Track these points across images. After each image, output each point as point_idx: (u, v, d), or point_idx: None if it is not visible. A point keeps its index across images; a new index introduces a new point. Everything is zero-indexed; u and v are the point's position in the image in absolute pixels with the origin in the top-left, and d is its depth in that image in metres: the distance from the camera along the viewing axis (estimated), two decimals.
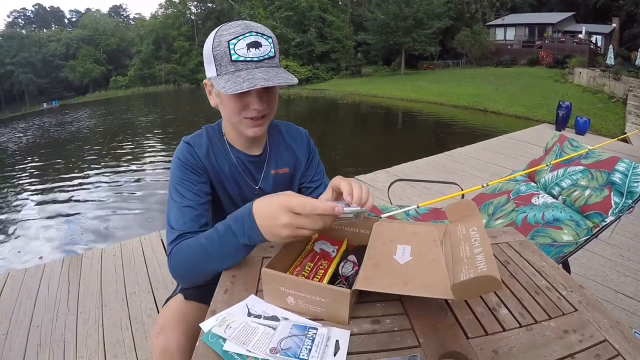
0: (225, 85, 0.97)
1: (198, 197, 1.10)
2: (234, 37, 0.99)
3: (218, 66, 1.01)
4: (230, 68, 1.00)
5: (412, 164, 6.22)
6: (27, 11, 69.03)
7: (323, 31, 39.02)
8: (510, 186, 2.60)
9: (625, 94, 16.25)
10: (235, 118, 1.10)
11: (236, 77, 0.98)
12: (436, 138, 12.69)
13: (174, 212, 1.07)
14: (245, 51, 0.99)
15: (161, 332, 1.09)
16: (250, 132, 1.12)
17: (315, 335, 0.73)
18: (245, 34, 1.00)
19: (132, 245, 3.48)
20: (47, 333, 2.41)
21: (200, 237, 0.98)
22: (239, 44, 0.99)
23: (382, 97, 23.61)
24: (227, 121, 1.17)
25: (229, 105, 1.07)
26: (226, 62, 1.00)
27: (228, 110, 1.09)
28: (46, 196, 8.32)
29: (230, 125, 1.17)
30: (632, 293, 2.84)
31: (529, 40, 31.67)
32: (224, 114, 1.15)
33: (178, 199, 1.08)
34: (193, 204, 1.08)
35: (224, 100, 1.07)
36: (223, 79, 0.99)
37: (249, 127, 1.11)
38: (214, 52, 1.01)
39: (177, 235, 1.03)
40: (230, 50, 0.99)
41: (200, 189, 1.12)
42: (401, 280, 0.79)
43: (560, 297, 0.89)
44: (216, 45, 1.01)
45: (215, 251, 0.94)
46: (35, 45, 54.59)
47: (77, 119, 25.65)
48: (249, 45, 1.00)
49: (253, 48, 1.00)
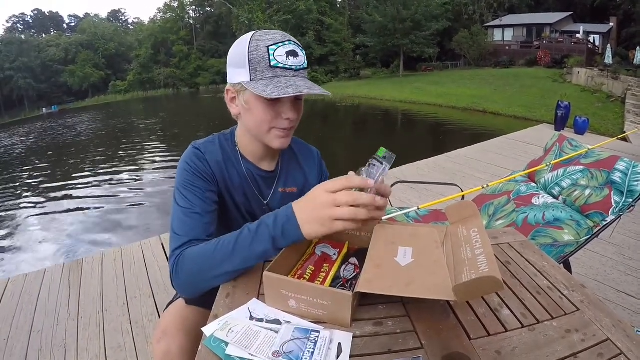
0: (265, 90, 0.95)
1: (205, 204, 1.05)
2: (274, 44, 0.98)
3: (253, 71, 0.99)
4: (268, 74, 0.98)
5: (412, 166, 6.22)
6: (26, 16, 69.09)
7: (322, 34, 39.22)
8: (511, 187, 2.60)
9: (624, 93, 16.26)
10: (264, 127, 1.06)
11: (277, 82, 0.96)
12: (436, 139, 12.70)
13: (179, 218, 1.02)
14: (285, 58, 0.98)
15: (163, 336, 1.09)
16: (277, 143, 1.08)
17: (318, 338, 0.73)
18: (285, 41, 1.00)
19: (133, 250, 3.48)
20: (48, 338, 2.41)
21: (210, 243, 0.94)
22: (278, 50, 0.98)
23: (381, 99, 23.65)
24: (253, 131, 1.11)
25: (259, 114, 1.03)
26: (264, 67, 0.98)
27: (258, 118, 1.04)
28: (47, 200, 8.34)
29: (253, 136, 1.13)
30: (634, 292, 2.83)
31: (527, 40, 31.71)
32: (250, 122, 1.09)
33: (184, 205, 1.03)
34: (201, 210, 1.03)
35: (254, 108, 1.03)
36: (260, 84, 0.97)
37: (277, 137, 1.08)
38: (250, 56, 0.98)
39: (182, 242, 0.98)
40: (269, 55, 0.97)
41: (209, 197, 1.07)
42: (403, 282, 0.79)
43: (562, 297, 0.89)
44: (253, 49, 0.98)
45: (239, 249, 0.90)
46: (34, 51, 54.69)
47: (77, 123, 25.70)
48: (288, 53, 0.99)
49: (292, 57, 0.99)
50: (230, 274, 0.92)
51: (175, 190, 1.07)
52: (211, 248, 0.92)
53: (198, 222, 1.02)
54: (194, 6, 55.84)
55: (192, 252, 0.95)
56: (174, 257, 0.96)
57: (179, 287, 0.99)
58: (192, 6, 55.90)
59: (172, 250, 0.99)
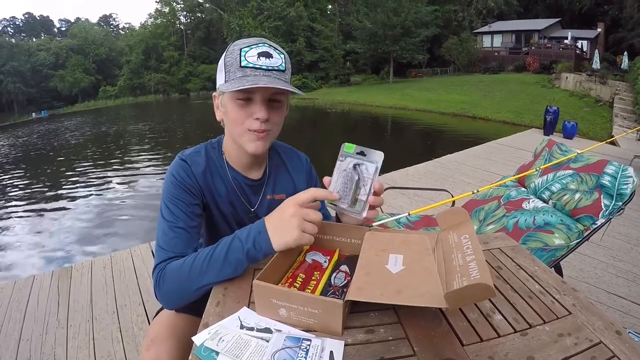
0: (229, 87, 0.97)
1: (190, 219, 1.06)
2: (247, 46, 1.00)
3: (227, 73, 1.01)
4: (238, 73, 0.99)
5: (402, 172, 6.25)
6: (17, 20, 68.62)
7: (312, 40, 39.31)
8: (501, 192, 2.61)
9: (612, 97, 16.52)
10: (238, 128, 1.06)
11: (243, 80, 0.97)
12: (425, 145, 12.76)
13: (164, 231, 1.03)
14: (256, 59, 1.00)
15: (152, 345, 1.07)
16: (252, 147, 1.07)
17: (309, 346, 0.72)
18: (259, 44, 1.01)
19: (123, 257, 3.45)
20: (37, 347, 2.38)
21: (189, 257, 0.96)
22: (250, 52, 1.00)
23: (371, 105, 23.77)
24: (230, 134, 1.12)
25: (232, 115, 1.05)
26: (235, 68, 1.00)
27: (232, 119, 1.06)
28: (34, 205, 8.26)
29: (232, 140, 1.13)
30: (625, 293, 2.86)
31: (516, 46, 32.07)
32: (227, 125, 1.10)
33: (169, 218, 1.04)
34: (184, 225, 1.04)
35: (229, 109, 1.05)
36: (229, 83, 0.99)
37: (251, 140, 1.07)
38: (226, 60, 1.02)
39: (166, 257, 1.00)
40: (240, 56, 0.99)
41: (193, 211, 1.08)
42: (394, 289, 0.79)
43: (554, 301, 0.89)
44: (229, 53, 1.02)
45: (213, 263, 0.92)
46: (24, 55, 54.22)
47: (69, 128, 25.49)
48: (260, 54, 1.00)
49: (264, 57, 1.00)
50: (211, 285, 0.93)
51: (162, 202, 1.07)
52: (189, 263, 0.94)
53: (182, 237, 1.03)
54: (185, 12, 55.69)
55: (172, 267, 0.97)
56: (157, 271, 0.98)
57: (162, 301, 1.01)
58: (183, 12, 55.76)
59: (155, 264, 1.00)
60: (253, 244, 0.90)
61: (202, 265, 0.92)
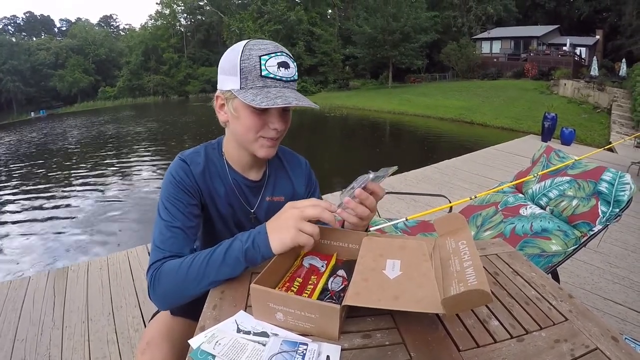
0: (255, 99, 0.95)
1: (187, 219, 1.05)
2: (266, 54, 0.98)
3: (244, 79, 0.98)
4: (259, 83, 0.98)
5: (400, 177, 6.25)
6: (18, 18, 68.15)
7: (311, 45, 39.44)
8: (498, 197, 2.62)
9: (610, 104, 16.59)
10: (251, 136, 1.05)
11: (266, 92, 0.96)
12: (424, 151, 12.77)
13: (161, 230, 1.02)
14: (276, 69, 0.98)
15: (147, 347, 1.07)
16: (263, 153, 1.08)
17: (306, 351, 0.72)
18: (277, 52, 1.00)
19: (119, 259, 3.44)
20: (32, 347, 2.37)
21: (187, 258, 0.95)
22: (270, 60, 0.98)
23: (370, 110, 23.81)
24: (239, 139, 1.10)
25: (247, 122, 1.03)
26: (254, 76, 0.97)
27: (245, 126, 1.04)
28: (31, 205, 8.24)
29: (239, 144, 1.12)
30: (621, 299, 2.87)
31: (515, 53, 32.19)
32: (237, 130, 1.08)
33: (167, 218, 1.03)
34: (182, 225, 1.03)
35: (243, 116, 1.03)
36: (250, 93, 0.97)
37: (263, 147, 1.07)
38: (242, 65, 0.98)
39: (162, 256, 0.99)
40: (261, 65, 0.97)
41: (191, 212, 1.07)
42: (391, 295, 0.79)
43: (551, 307, 0.90)
44: (245, 58, 0.98)
45: (212, 262, 0.91)
46: (24, 54, 53.90)
47: (68, 127, 25.45)
48: (280, 64, 0.99)
49: (283, 68, 0.99)
50: (206, 287, 0.93)
51: (160, 202, 1.07)
52: (187, 264, 0.93)
53: (178, 236, 1.02)
54: (185, 14, 55.75)
55: (169, 267, 0.96)
56: (152, 270, 0.97)
57: (155, 301, 0.99)
58: (183, 14, 55.80)
59: (150, 262, 0.99)
60: (252, 243, 0.90)
61: (201, 265, 0.91)
